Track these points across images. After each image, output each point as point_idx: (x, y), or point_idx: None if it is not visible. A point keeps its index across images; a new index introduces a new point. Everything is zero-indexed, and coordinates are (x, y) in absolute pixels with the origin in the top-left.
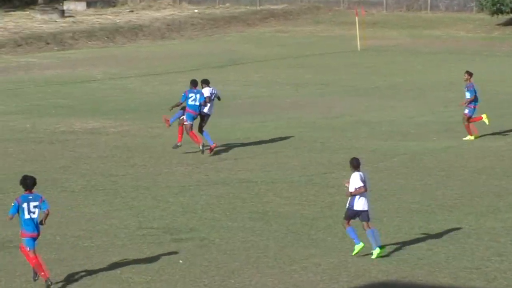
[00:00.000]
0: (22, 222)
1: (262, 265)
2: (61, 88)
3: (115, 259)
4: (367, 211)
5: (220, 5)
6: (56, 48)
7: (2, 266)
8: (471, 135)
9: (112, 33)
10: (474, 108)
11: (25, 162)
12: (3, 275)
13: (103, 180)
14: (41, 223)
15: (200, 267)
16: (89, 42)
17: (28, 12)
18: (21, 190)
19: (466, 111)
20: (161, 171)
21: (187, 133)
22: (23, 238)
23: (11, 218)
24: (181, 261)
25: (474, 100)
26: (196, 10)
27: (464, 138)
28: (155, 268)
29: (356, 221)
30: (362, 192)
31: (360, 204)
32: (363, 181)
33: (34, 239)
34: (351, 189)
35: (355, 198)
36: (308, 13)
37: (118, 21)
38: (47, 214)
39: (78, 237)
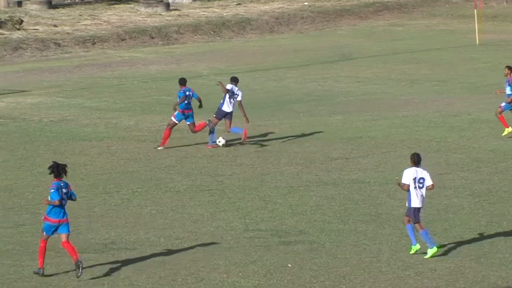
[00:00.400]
0: (49, 208)
1: (375, 270)
2: (166, 84)
3: (221, 262)
4: (419, 208)
5: None
6: (160, 43)
7: (106, 268)
8: (508, 127)
9: (219, 27)
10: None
11: (128, 161)
12: (106, 277)
13: (209, 180)
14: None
15: (310, 272)
16: (194, 36)
17: (132, 5)
18: (128, 190)
19: (503, 104)
20: (269, 171)
21: (167, 127)
22: (44, 222)
23: (60, 201)
24: (289, 265)
25: (509, 95)
26: (306, 3)
27: (503, 134)
28: (262, 272)
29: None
30: (405, 189)
31: (415, 200)
32: (415, 178)
33: (59, 226)
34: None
35: (410, 194)
36: (423, 5)
37: (225, 14)
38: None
39: (183, 239)
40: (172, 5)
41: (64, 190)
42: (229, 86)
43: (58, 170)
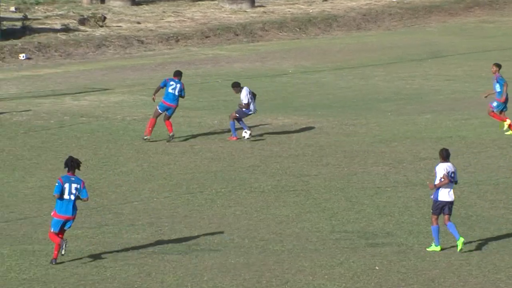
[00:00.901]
0: (57, 203)
1: (464, 273)
2: (250, 82)
3: (306, 264)
4: (452, 202)
5: None
6: (245, 40)
7: (189, 270)
8: (506, 120)
9: (304, 23)
10: (503, 102)
11: (212, 160)
12: (189, 279)
13: (294, 181)
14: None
15: (398, 274)
16: (280, 34)
17: (216, 2)
18: (212, 191)
19: (495, 103)
20: (355, 171)
21: (152, 116)
22: (53, 218)
23: (58, 197)
24: (377, 268)
25: (500, 93)
26: (394, 0)
27: (506, 133)
28: (349, 275)
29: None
30: (446, 183)
31: (444, 194)
32: (449, 172)
33: (66, 222)
34: (436, 181)
35: (439, 189)
36: None
37: (311, 11)
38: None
39: (267, 241)
40: (257, 1)
41: (75, 185)
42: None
43: (71, 164)
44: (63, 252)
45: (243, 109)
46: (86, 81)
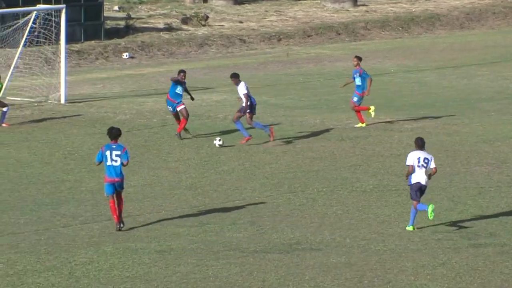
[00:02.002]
0: (105, 168)
1: None
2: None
3: (408, 264)
4: (424, 187)
5: None
6: (347, 39)
7: (290, 269)
8: (363, 123)
9: (407, 22)
10: (362, 96)
11: (314, 160)
12: (291, 278)
13: (396, 180)
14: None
15: (501, 275)
16: (382, 33)
17: (318, 1)
18: (313, 190)
19: (354, 99)
20: (458, 170)
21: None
22: (104, 183)
23: (98, 165)
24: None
25: (361, 87)
26: None
27: (355, 125)
28: (451, 275)
29: None
30: (410, 171)
31: (417, 177)
32: (418, 158)
33: (114, 184)
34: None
35: (411, 175)
36: None
37: (413, 10)
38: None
39: (369, 240)
40: (359, 1)
41: (116, 152)
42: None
43: (111, 133)
44: (121, 226)
45: (243, 105)
46: (188, 80)
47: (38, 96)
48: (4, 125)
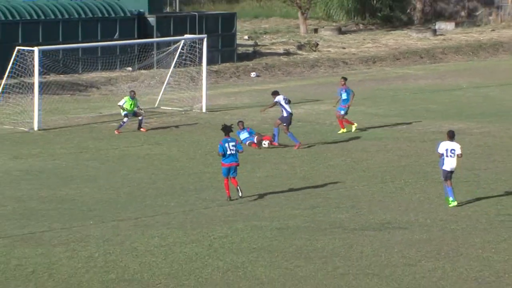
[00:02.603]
0: (224, 157)
1: None
2: (431, 95)
3: (477, 240)
4: (452, 171)
5: None
6: (428, 61)
7: (383, 243)
8: (344, 129)
9: (476, 48)
10: (346, 108)
11: (401, 157)
12: (383, 250)
13: (467, 173)
14: None
15: None
16: (456, 56)
17: (405, 31)
18: (401, 181)
19: (341, 111)
20: None
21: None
22: (222, 167)
23: (222, 155)
24: None
25: (346, 100)
26: None
27: (338, 132)
28: (511, 249)
29: None
30: (440, 156)
31: (447, 165)
32: (446, 149)
33: (230, 168)
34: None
35: (444, 160)
36: None
37: (481, 38)
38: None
39: (445, 221)
40: (438, 31)
41: (231, 143)
42: (276, 99)
43: (225, 129)
44: (240, 194)
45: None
46: (302, 94)
47: (185, 106)
48: (142, 130)
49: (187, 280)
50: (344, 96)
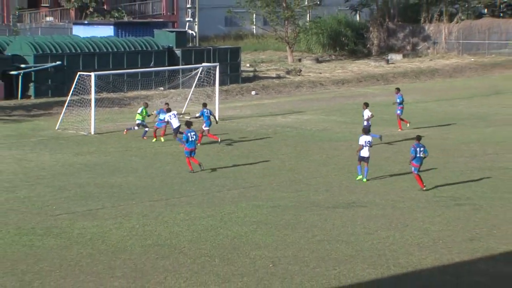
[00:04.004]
0: (187, 143)
1: None
2: (385, 108)
3: (418, 215)
4: (368, 157)
5: (488, 55)
6: (382, 83)
7: (349, 218)
8: (401, 129)
9: (418, 73)
10: (401, 109)
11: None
12: (349, 223)
13: (402, 168)
14: None
15: (474, 222)
16: (403, 79)
17: (366, 61)
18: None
19: (398, 112)
20: (448, 160)
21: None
22: (185, 151)
23: (186, 141)
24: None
25: (401, 103)
26: (472, 59)
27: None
28: (444, 222)
29: None
30: (361, 148)
31: (364, 153)
32: (365, 141)
33: (191, 151)
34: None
35: (361, 151)
36: None
37: (422, 66)
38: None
39: (395, 201)
40: (390, 60)
41: (192, 133)
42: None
43: (187, 124)
44: (202, 168)
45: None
46: (289, 107)
47: None
48: (144, 138)
49: (204, 245)
50: (398, 100)
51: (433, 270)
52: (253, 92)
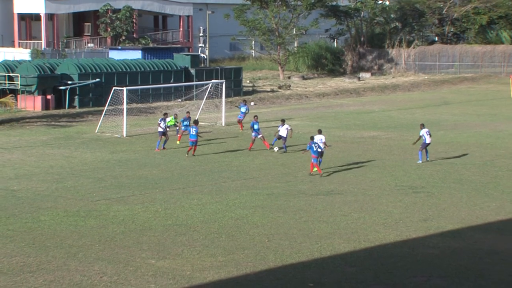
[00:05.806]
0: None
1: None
2: (357, 115)
3: (383, 201)
4: (322, 152)
5: (438, 74)
6: (355, 96)
7: (328, 203)
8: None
9: (383, 88)
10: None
11: (339, 152)
12: (328, 207)
13: (378, 162)
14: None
15: (427, 206)
16: (371, 93)
17: (341, 78)
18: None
19: (254, 133)
20: (406, 157)
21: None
22: (189, 141)
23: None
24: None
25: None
26: (426, 77)
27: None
28: (402, 205)
29: None
30: (314, 144)
31: (318, 149)
32: (320, 139)
33: (193, 142)
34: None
35: (313, 148)
36: (486, 78)
37: (386, 82)
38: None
39: (365, 189)
40: (361, 78)
41: (194, 129)
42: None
43: (195, 122)
44: (192, 154)
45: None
46: (281, 115)
47: (211, 122)
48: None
49: (213, 225)
50: (255, 127)
51: (395, 244)
52: (252, 103)
